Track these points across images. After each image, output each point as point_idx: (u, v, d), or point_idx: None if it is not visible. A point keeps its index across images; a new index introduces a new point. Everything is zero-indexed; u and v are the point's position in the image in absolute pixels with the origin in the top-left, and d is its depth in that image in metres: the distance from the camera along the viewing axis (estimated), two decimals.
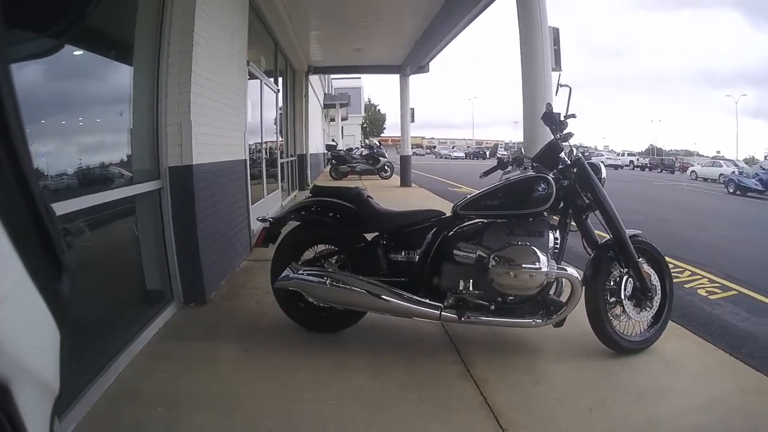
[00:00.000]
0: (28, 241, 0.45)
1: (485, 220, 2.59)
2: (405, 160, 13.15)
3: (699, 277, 4.85)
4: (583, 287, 2.51)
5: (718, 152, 52.53)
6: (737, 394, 2.20)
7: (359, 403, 2.04)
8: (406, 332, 2.76)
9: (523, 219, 2.51)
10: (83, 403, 1.92)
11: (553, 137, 2.63)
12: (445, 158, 50.53)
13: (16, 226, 0.43)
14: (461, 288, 2.46)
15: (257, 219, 2.89)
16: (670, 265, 5.02)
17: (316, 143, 15.80)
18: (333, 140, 18.69)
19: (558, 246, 2.52)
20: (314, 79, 14.77)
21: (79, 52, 2.51)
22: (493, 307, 2.44)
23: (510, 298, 2.46)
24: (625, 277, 2.55)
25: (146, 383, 2.17)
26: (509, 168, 2.81)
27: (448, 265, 2.52)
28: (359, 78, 27.50)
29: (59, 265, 0.51)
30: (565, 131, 2.60)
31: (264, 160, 6.80)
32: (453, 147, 67.13)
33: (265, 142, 7.07)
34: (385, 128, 54.23)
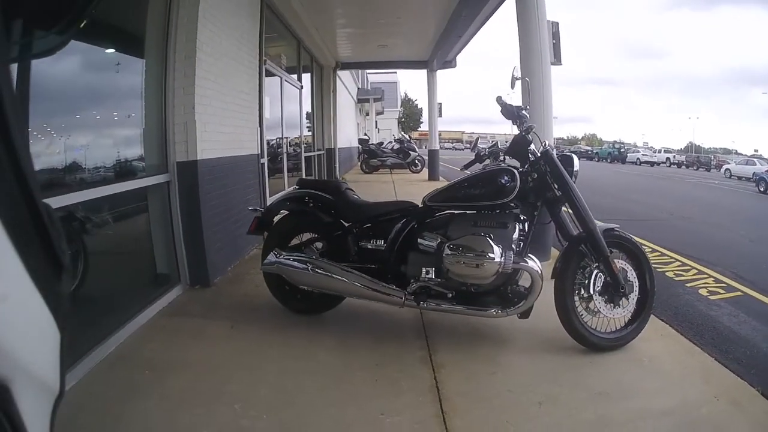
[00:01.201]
0: (28, 241, 0.45)
1: (456, 212, 2.67)
2: (433, 155, 13.21)
3: (704, 276, 4.70)
4: (554, 280, 2.55)
5: (756, 151, 49.26)
6: (710, 401, 2.11)
7: (318, 377, 2.25)
8: (382, 318, 2.93)
9: (490, 210, 2.58)
10: (85, 364, 2.26)
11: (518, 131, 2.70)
12: None
13: (16, 226, 0.43)
14: (424, 276, 2.57)
15: (248, 209, 3.14)
16: (677, 263, 5.16)
17: (347, 137, 16.12)
18: (366, 134, 18.99)
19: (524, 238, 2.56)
20: (346, 74, 15.07)
21: (96, 55, 2.87)
22: (450, 295, 2.54)
23: (472, 287, 2.54)
24: (595, 272, 2.53)
25: (142, 351, 2.50)
26: (486, 161, 2.88)
27: (414, 253, 2.65)
28: (395, 73, 27.61)
29: (59, 265, 0.51)
30: (526, 124, 2.64)
31: (285, 154, 7.12)
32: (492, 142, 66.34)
33: (287, 137, 7.38)
34: (422, 122, 54.07)
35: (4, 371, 0.41)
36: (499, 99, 2.72)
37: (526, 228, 2.60)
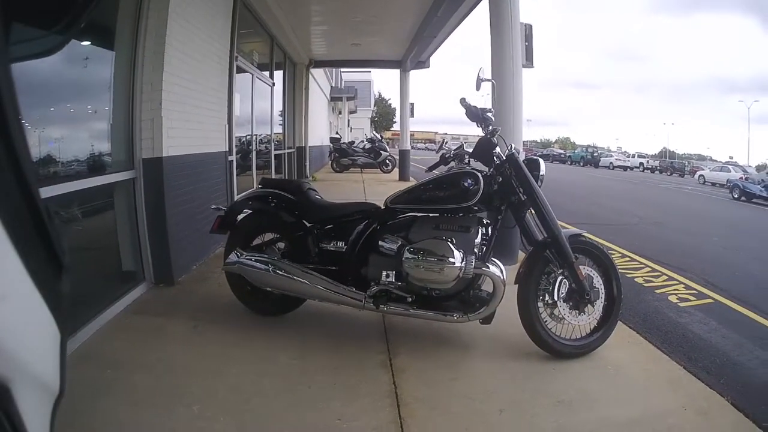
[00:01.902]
0: (28, 241, 0.45)
1: (418, 214, 2.63)
2: (404, 155, 13.31)
3: (675, 282, 4.69)
4: (516, 285, 2.55)
5: (731, 158, 51.52)
6: (677, 411, 2.09)
7: (277, 379, 2.27)
8: (344, 320, 2.94)
9: (452, 214, 2.55)
10: None
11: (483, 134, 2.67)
12: None
13: (16, 226, 0.43)
14: (384, 279, 2.56)
15: (211, 207, 3.11)
16: (647, 269, 5.23)
17: (319, 136, 16.04)
18: (337, 133, 18.90)
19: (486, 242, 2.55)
20: (319, 72, 14.99)
21: (66, 48, 2.81)
22: (410, 299, 2.55)
23: (434, 291, 2.53)
24: (559, 278, 2.51)
25: (105, 349, 2.49)
26: (451, 163, 2.88)
27: (374, 256, 2.64)
28: (369, 72, 27.63)
29: (59, 265, 0.51)
30: (491, 126, 2.64)
31: (255, 152, 7.06)
32: (465, 143, 68.96)
33: (258, 135, 7.32)
34: (395, 122, 54.29)
35: (4, 371, 0.41)
36: (462, 101, 2.68)
37: (490, 232, 2.59)
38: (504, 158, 2.60)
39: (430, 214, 2.60)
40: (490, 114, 2.68)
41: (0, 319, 0.42)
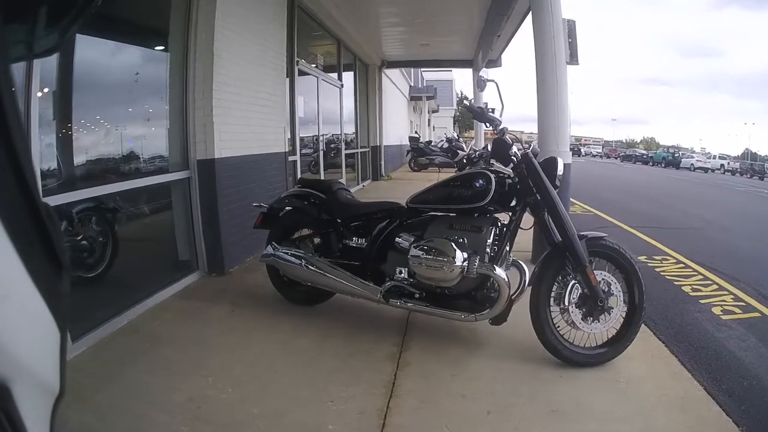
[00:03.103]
0: (28, 241, 0.45)
1: (438, 214, 2.67)
2: None
3: (724, 293, 4.20)
4: (530, 287, 2.48)
5: None
6: None
7: (291, 360, 2.45)
8: (370, 313, 3.01)
9: (467, 214, 2.57)
10: (99, 332, 2.63)
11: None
12: None
13: (16, 226, 0.43)
14: (398, 275, 2.64)
15: (253, 205, 3.35)
16: (698, 276, 4.79)
17: (397, 135, 16.25)
18: (416, 132, 18.99)
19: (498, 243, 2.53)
20: (396, 72, 15.23)
21: (130, 56, 3.32)
22: (417, 295, 2.60)
23: (446, 290, 2.55)
24: (571, 283, 2.42)
25: (147, 326, 2.83)
26: (468, 167, 2.89)
27: (390, 253, 2.72)
28: (450, 71, 27.31)
29: (59, 265, 0.51)
30: (499, 126, 2.62)
31: (322, 152, 7.40)
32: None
33: (324, 135, 7.65)
34: None
35: (4, 371, 0.41)
36: (465, 104, 2.73)
37: (508, 232, 2.57)
38: (519, 158, 2.55)
39: (448, 214, 2.64)
40: (493, 114, 2.65)
41: (0, 319, 0.42)
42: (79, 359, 2.37)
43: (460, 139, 16.81)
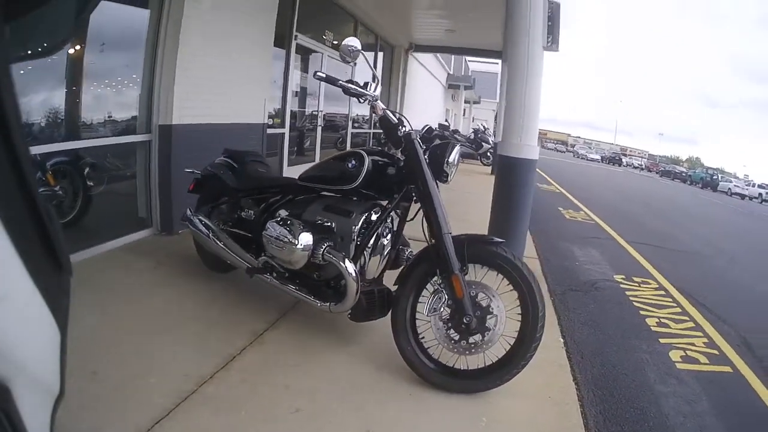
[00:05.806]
0: (28, 241, 0.46)
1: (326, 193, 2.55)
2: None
3: (698, 334, 3.63)
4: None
5: None
6: None
7: (165, 318, 2.60)
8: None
9: (347, 196, 2.41)
10: None
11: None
12: (581, 158, 51.81)
13: (16, 226, 0.43)
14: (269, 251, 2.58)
15: (185, 170, 3.46)
16: (675, 309, 4.26)
17: (425, 120, 16.11)
18: (446, 120, 18.70)
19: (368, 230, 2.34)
20: (430, 58, 15.01)
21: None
22: (287, 275, 2.56)
23: (315, 274, 2.47)
24: (437, 291, 2.18)
25: (80, 267, 3.05)
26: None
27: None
28: (497, 63, 26.39)
29: (59, 265, 0.51)
30: (368, 99, 2.28)
31: (320, 128, 7.49)
32: (590, 148, 69.74)
33: (322, 111, 7.56)
34: None
35: (4, 371, 0.42)
36: (315, 74, 2.31)
37: (382, 222, 2.36)
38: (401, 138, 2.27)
39: (332, 195, 2.51)
40: (354, 86, 2.26)
41: (0, 319, 0.42)
42: None
43: (487, 131, 16.37)
